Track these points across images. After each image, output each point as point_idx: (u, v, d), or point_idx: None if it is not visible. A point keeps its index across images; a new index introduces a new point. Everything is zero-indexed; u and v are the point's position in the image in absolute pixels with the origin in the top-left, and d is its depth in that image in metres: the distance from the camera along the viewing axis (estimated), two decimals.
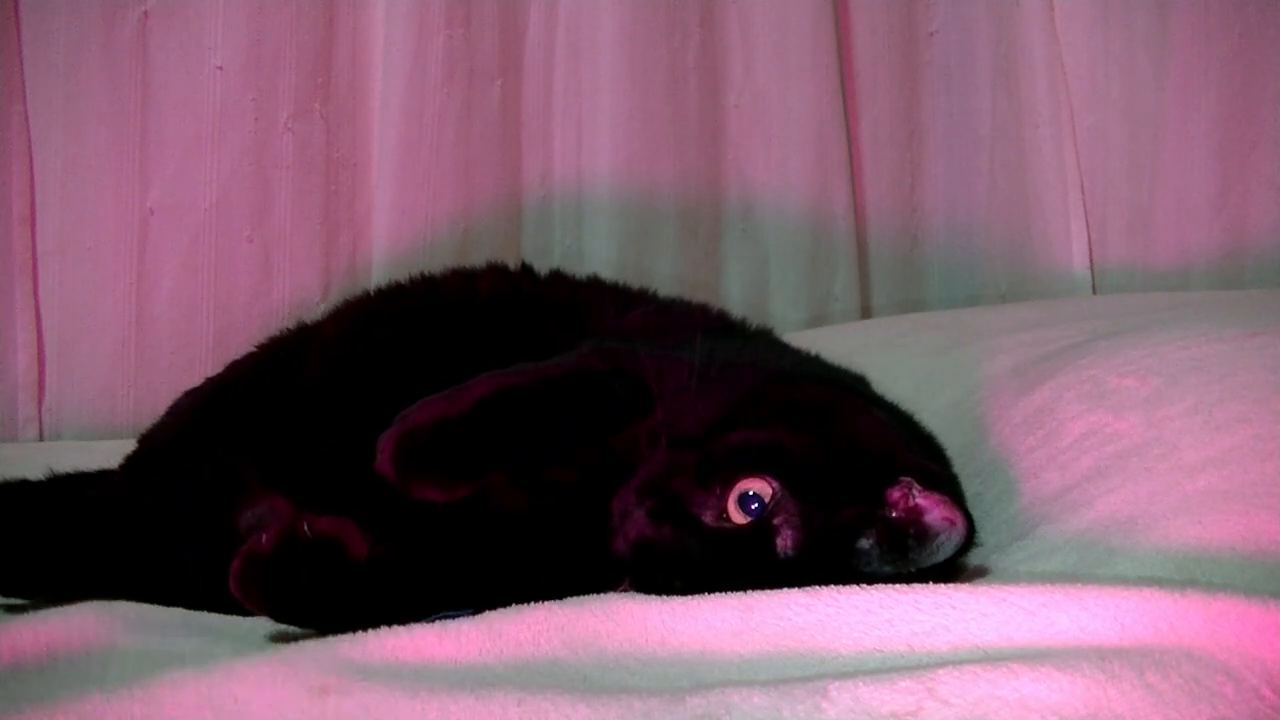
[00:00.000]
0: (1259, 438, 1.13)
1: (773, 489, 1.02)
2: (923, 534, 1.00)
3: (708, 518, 1.03)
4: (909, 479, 1.02)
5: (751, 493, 1.02)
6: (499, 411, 1.13)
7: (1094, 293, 2.32)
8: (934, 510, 1.00)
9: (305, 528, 1.05)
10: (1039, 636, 0.86)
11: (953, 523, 1.00)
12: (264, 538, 1.04)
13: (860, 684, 0.79)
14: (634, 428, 1.12)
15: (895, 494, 1.02)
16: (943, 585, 0.94)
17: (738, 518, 1.02)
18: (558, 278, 1.56)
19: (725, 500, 1.02)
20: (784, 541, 1.01)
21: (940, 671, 0.79)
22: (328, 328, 1.50)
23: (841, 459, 1.06)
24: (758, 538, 1.01)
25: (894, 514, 1.01)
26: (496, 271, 1.54)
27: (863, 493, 1.02)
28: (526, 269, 1.55)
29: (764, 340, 1.45)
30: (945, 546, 1.00)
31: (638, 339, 1.30)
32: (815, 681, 0.80)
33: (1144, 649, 0.81)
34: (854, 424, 1.12)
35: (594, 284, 1.57)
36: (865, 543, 1.01)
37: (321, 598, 0.97)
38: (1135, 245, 2.30)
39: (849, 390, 1.26)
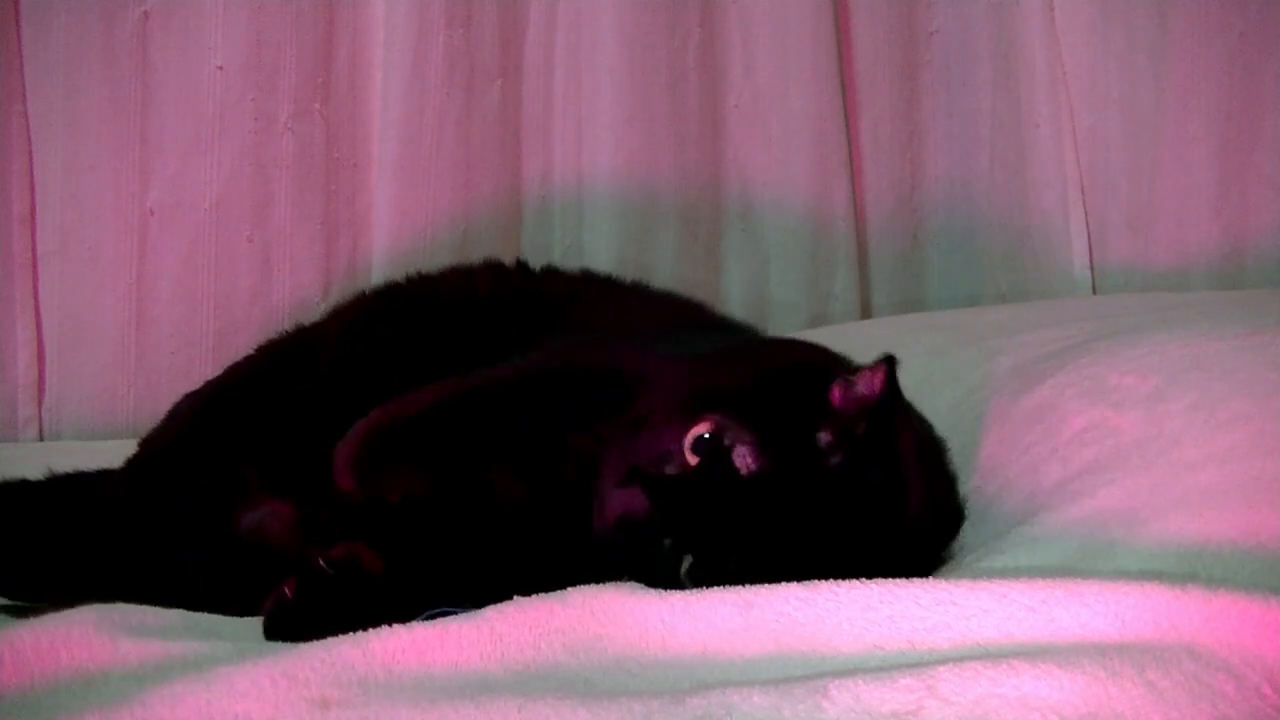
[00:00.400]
0: (1260, 435, 1.13)
1: (714, 423, 1.05)
2: (873, 409, 1.06)
3: (671, 471, 1.05)
4: (843, 376, 1.07)
5: (704, 435, 1.05)
6: (455, 414, 1.15)
7: (1094, 293, 2.32)
8: (873, 385, 1.06)
9: (321, 563, 1.05)
10: (1040, 633, 0.86)
11: (884, 378, 1.06)
12: (286, 589, 1.05)
13: (861, 682, 0.79)
14: (603, 422, 1.14)
15: (836, 391, 1.07)
16: (943, 581, 0.94)
17: (695, 460, 1.05)
18: (552, 273, 1.58)
19: (683, 455, 1.05)
20: (741, 459, 1.04)
21: (941, 669, 0.79)
22: (327, 328, 1.51)
23: (775, 377, 1.11)
24: (717, 466, 1.04)
25: (841, 408, 1.06)
26: (493, 268, 1.56)
27: (805, 400, 1.07)
28: (522, 265, 1.57)
29: (736, 329, 1.47)
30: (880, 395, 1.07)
31: (611, 334, 1.33)
32: (815, 680, 0.80)
33: (1145, 646, 0.81)
34: (779, 351, 1.20)
35: (587, 277, 1.59)
36: (823, 438, 1.05)
37: (353, 621, 0.96)
38: (1135, 245, 2.30)
39: (783, 338, 1.31)
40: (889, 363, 1.07)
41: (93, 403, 2.02)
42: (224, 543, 1.33)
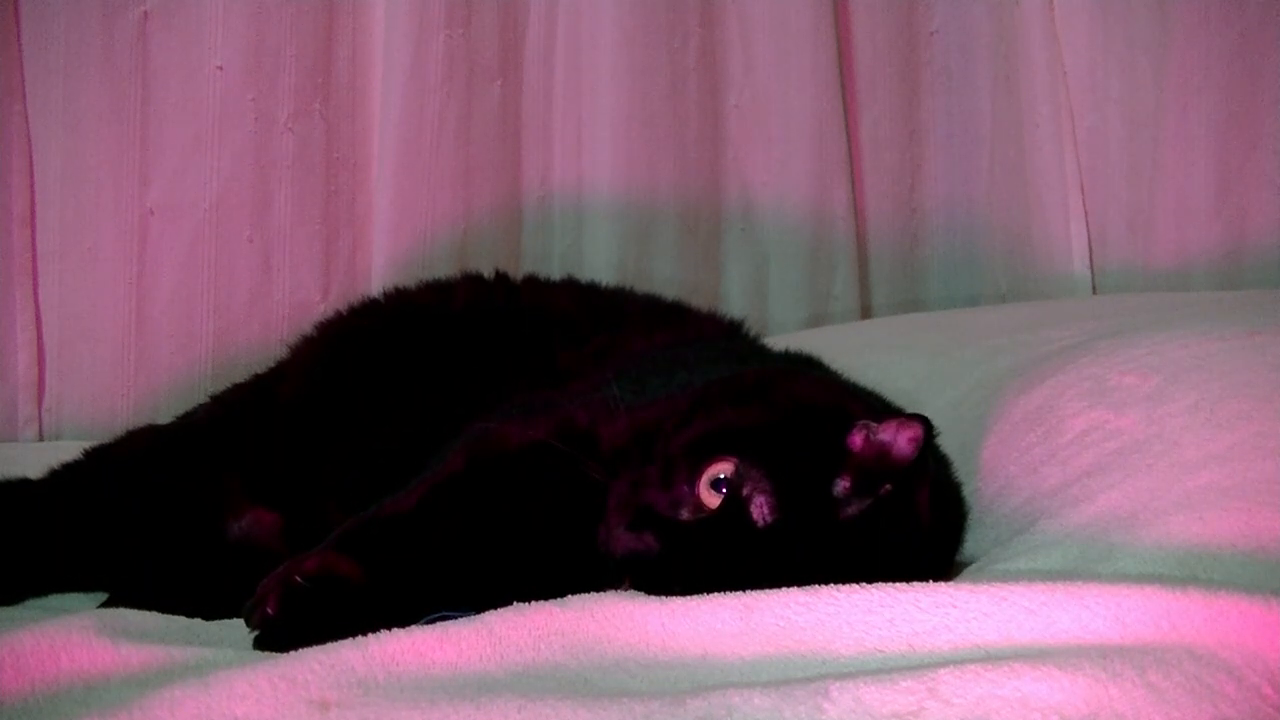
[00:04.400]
0: (1260, 435, 1.13)
1: (733, 465, 1.03)
2: (895, 464, 1.03)
3: (685, 515, 1.03)
4: (864, 420, 1.04)
5: (720, 477, 1.03)
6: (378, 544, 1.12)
7: (1094, 293, 2.32)
8: (899, 440, 1.03)
9: (297, 579, 1.05)
10: (1040, 635, 0.85)
11: (915, 438, 1.02)
12: (268, 607, 1.04)
13: (861, 684, 0.78)
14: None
15: (857, 438, 1.03)
16: (943, 584, 0.94)
17: (712, 504, 1.03)
18: (532, 284, 1.58)
19: (696, 494, 1.03)
20: (758, 509, 1.01)
21: (941, 671, 0.79)
22: (305, 347, 1.52)
23: (791, 419, 1.07)
24: (732, 513, 1.02)
25: (860, 456, 1.03)
26: (471, 281, 1.56)
27: (823, 445, 1.04)
28: (501, 277, 1.57)
29: (718, 347, 1.46)
30: (912, 455, 1.03)
31: (587, 362, 1.31)
32: (816, 682, 0.80)
33: (1145, 647, 0.81)
34: (793, 388, 1.14)
35: (568, 287, 1.58)
36: (840, 486, 1.03)
37: (341, 629, 0.96)
38: (1135, 245, 2.30)
39: (786, 368, 1.29)
40: (925, 426, 1.03)
41: (93, 403, 2.02)
42: (214, 548, 1.34)
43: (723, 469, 1.03)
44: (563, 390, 1.27)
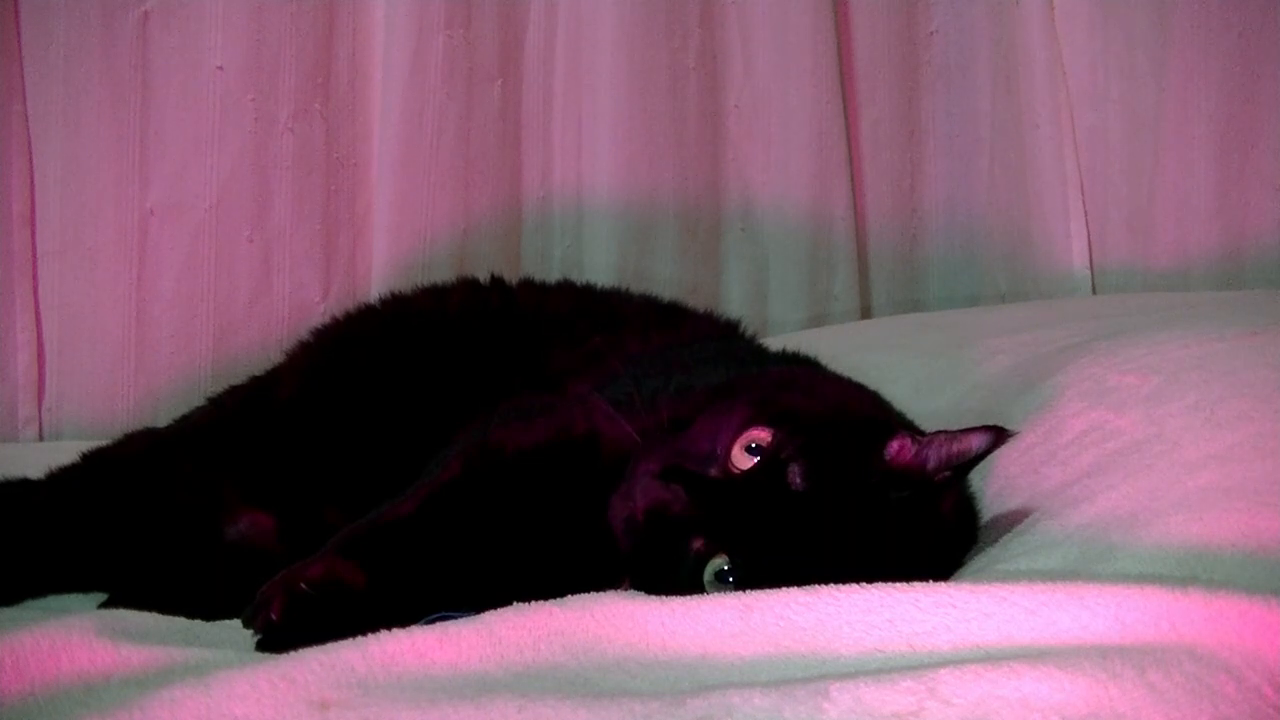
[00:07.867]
0: (1260, 435, 1.13)
1: (772, 433, 1.04)
2: (945, 462, 1.05)
3: (713, 473, 1.04)
4: (905, 433, 1.06)
5: (754, 445, 1.04)
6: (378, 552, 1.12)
7: (1094, 293, 2.32)
8: (971, 445, 1.04)
9: (301, 585, 1.05)
10: (1040, 635, 0.85)
11: (966, 449, 1.05)
12: (272, 613, 1.04)
13: (861, 684, 0.78)
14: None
15: (894, 445, 1.06)
16: (943, 584, 0.94)
17: (743, 466, 1.04)
18: (528, 287, 1.58)
19: (729, 456, 1.04)
20: (793, 475, 1.03)
21: (941, 671, 0.79)
22: (301, 352, 1.53)
23: (833, 414, 1.09)
24: (768, 474, 1.03)
25: (895, 464, 1.05)
26: (467, 286, 1.57)
27: (862, 444, 1.06)
28: (497, 281, 1.57)
29: (715, 348, 1.46)
30: (977, 453, 1.06)
31: (583, 372, 1.32)
32: (816, 682, 0.79)
33: (1145, 647, 0.81)
34: (832, 388, 1.17)
35: (564, 289, 1.59)
36: (877, 476, 1.05)
37: (344, 632, 0.96)
38: (1135, 245, 2.30)
39: (809, 370, 1.32)
40: (998, 435, 1.05)
41: (93, 403, 2.02)
42: (211, 550, 1.34)
43: (762, 435, 1.04)
44: (559, 393, 1.27)
